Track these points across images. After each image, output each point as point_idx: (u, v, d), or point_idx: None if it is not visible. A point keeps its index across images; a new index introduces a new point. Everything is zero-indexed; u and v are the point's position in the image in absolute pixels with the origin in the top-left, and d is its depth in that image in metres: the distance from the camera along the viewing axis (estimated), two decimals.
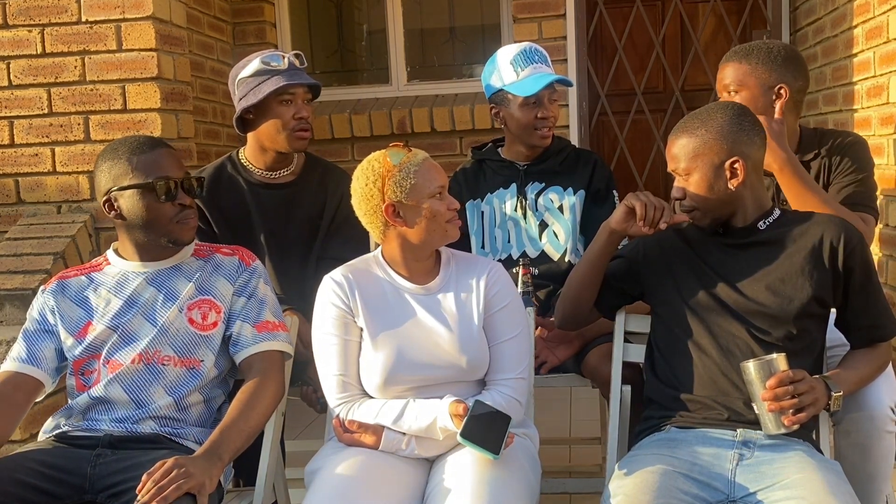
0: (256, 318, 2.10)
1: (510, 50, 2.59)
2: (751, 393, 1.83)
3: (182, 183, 2.05)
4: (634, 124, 4.88)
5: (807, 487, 1.72)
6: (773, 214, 2.02)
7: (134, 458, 1.90)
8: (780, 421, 1.80)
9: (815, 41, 4.31)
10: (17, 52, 3.55)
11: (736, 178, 1.94)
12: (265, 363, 2.06)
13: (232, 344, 2.10)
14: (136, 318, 2.05)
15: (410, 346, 1.97)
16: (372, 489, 1.82)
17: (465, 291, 2.04)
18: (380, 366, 1.96)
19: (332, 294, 2.02)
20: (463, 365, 1.97)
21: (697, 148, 1.95)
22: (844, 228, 1.96)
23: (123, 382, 2.00)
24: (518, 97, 2.54)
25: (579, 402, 3.92)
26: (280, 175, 2.62)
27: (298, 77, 2.50)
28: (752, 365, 1.81)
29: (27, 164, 3.58)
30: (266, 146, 2.57)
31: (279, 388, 2.06)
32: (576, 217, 2.62)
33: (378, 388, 1.97)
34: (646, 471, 1.82)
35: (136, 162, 2.02)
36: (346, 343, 2.00)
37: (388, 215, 1.96)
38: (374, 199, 1.95)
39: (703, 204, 1.97)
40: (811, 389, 1.81)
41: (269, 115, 2.50)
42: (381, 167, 1.95)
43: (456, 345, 1.97)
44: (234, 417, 1.93)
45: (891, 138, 3.36)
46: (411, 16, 5.14)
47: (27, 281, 3.19)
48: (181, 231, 2.07)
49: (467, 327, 2.00)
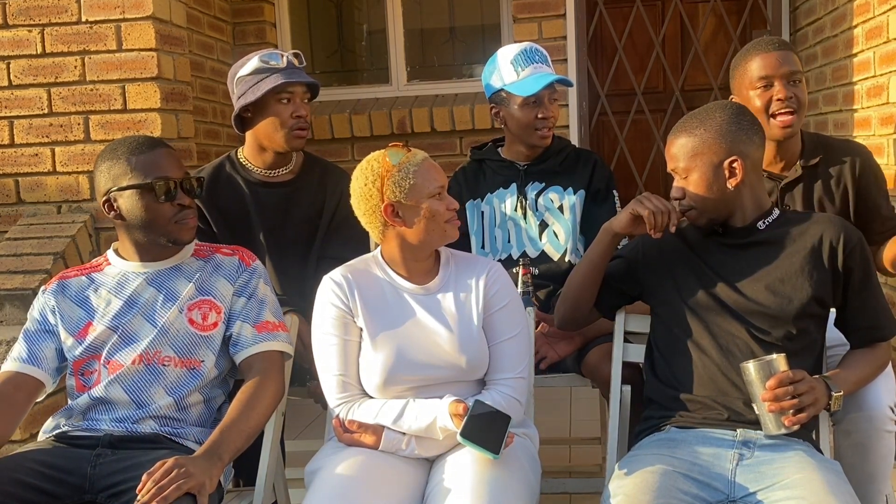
0: (256, 318, 2.10)
1: (511, 50, 2.59)
2: (751, 393, 1.83)
3: (181, 183, 2.06)
4: (634, 124, 4.88)
5: (807, 487, 1.72)
6: (773, 214, 2.02)
7: (134, 457, 1.90)
8: (780, 421, 1.80)
9: (815, 41, 4.31)
10: (17, 52, 3.54)
11: (735, 177, 1.94)
12: (265, 363, 2.06)
13: (232, 344, 2.10)
14: (137, 318, 2.05)
15: (410, 346, 1.97)
16: (372, 489, 1.82)
17: (465, 291, 2.04)
18: (379, 366, 1.96)
19: (332, 294, 2.01)
20: (462, 365, 1.97)
21: (696, 147, 1.95)
22: (844, 228, 1.97)
23: (124, 383, 2.00)
24: (518, 97, 2.54)
25: (579, 402, 3.92)
26: (279, 174, 2.62)
27: (297, 76, 2.50)
28: (753, 365, 1.82)
29: (27, 164, 3.58)
30: (264, 145, 2.57)
31: (279, 388, 2.06)
32: (576, 217, 2.62)
33: (378, 388, 1.97)
34: (646, 471, 1.82)
35: (136, 162, 2.02)
36: (346, 343, 2.00)
37: (387, 215, 1.95)
38: (374, 198, 1.95)
39: (702, 203, 1.97)
40: (811, 390, 1.81)
41: (267, 113, 2.50)
42: (381, 167, 1.95)
43: (455, 345, 1.97)
44: (234, 418, 1.93)
45: (891, 138, 3.36)
46: (411, 16, 5.13)
47: (27, 281, 3.19)
48: (180, 231, 2.07)
49: (467, 327, 2.00)
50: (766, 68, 2.26)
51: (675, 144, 1.99)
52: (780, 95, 2.24)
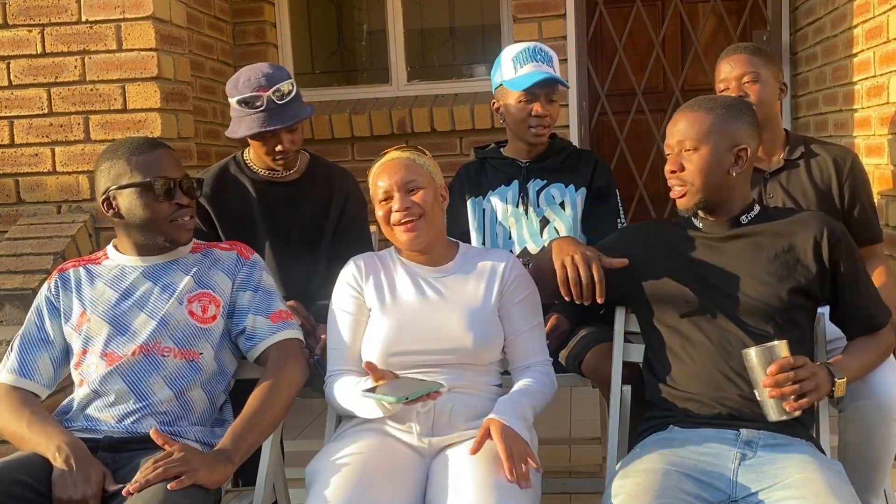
0: (268, 309, 2.13)
1: (515, 47, 2.63)
2: (752, 379, 1.84)
3: (181, 183, 2.07)
4: (634, 124, 4.88)
5: (808, 488, 1.72)
6: (754, 210, 2.05)
7: (134, 459, 1.91)
8: (781, 407, 1.80)
9: (815, 41, 4.31)
10: (17, 52, 3.55)
11: (739, 164, 1.97)
12: (284, 351, 2.09)
13: (247, 338, 2.11)
14: (133, 310, 2.06)
15: (413, 322, 2.01)
16: (373, 489, 1.82)
17: (480, 273, 2.10)
18: (380, 338, 2.01)
19: (349, 275, 2.13)
20: (468, 345, 1.99)
21: (714, 125, 1.96)
22: (826, 222, 1.99)
23: (123, 374, 2.01)
24: (513, 92, 2.58)
25: (579, 402, 3.92)
26: (284, 174, 2.64)
27: (278, 118, 2.44)
28: (754, 352, 1.82)
29: (27, 164, 3.58)
30: (261, 158, 2.60)
31: (301, 374, 2.09)
32: (577, 214, 2.63)
33: (377, 362, 1.98)
34: (648, 470, 1.82)
35: (135, 162, 2.04)
36: (354, 320, 2.08)
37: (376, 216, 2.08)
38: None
39: (701, 182, 1.98)
40: (813, 375, 1.81)
41: (252, 140, 2.54)
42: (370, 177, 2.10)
43: (463, 323, 2.00)
44: (248, 415, 1.96)
45: (890, 138, 3.36)
46: (411, 16, 5.13)
47: (27, 281, 3.19)
48: (177, 231, 2.08)
49: (478, 306, 2.04)
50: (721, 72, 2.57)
51: (687, 119, 1.99)
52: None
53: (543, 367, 2.10)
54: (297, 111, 2.48)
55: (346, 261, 2.18)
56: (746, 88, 2.51)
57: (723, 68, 2.57)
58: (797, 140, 2.59)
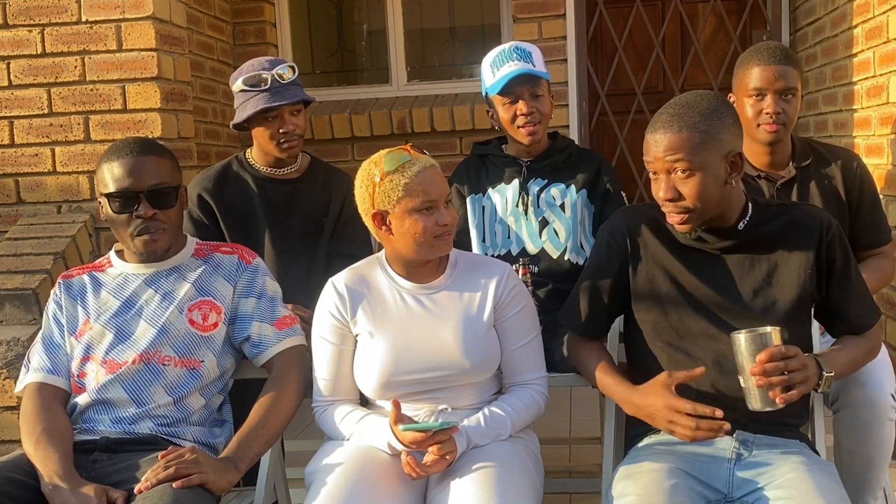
0: (273, 315, 2.13)
1: (492, 53, 2.61)
2: (738, 364, 1.74)
3: (150, 192, 2.00)
4: (634, 124, 4.87)
5: (797, 488, 1.71)
6: (748, 212, 1.92)
7: (130, 460, 1.91)
8: (766, 397, 1.71)
9: (815, 41, 4.31)
10: (17, 52, 3.54)
11: (735, 171, 1.84)
12: (289, 359, 2.09)
13: (253, 345, 2.10)
14: (134, 318, 2.05)
15: (408, 348, 1.96)
16: (373, 489, 1.81)
17: (473, 290, 2.01)
18: (376, 369, 1.95)
19: (331, 303, 2.02)
20: (467, 367, 1.96)
21: (704, 142, 1.79)
22: (820, 218, 1.92)
23: (124, 382, 2.00)
24: (497, 97, 2.56)
25: (579, 402, 3.92)
26: (285, 172, 2.70)
27: (281, 96, 2.53)
28: (743, 337, 1.72)
29: (27, 164, 3.58)
30: (264, 150, 2.67)
31: (305, 382, 2.08)
32: (577, 215, 2.61)
33: (374, 392, 1.97)
34: (654, 469, 1.81)
35: (104, 169, 2.03)
36: (339, 351, 2.01)
37: (375, 222, 1.95)
38: (366, 202, 1.95)
39: (705, 202, 1.82)
40: (803, 367, 1.73)
41: (256, 126, 2.60)
42: (375, 172, 1.92)
43: (459, 344, 1.96)
44: (253, 424, 1.96)
45: (890, 138, 3.36)
46: (411, 16, 5.13)
47: (27, 281, 3.19)
48: (140, 243, 2.05)
49: (472, 326, 1.98)
50: (761, 80, 2.36)
51: (669, 140, 1.81)
52: (770, 109, 2.35)
53: (538, 384, 2.03)
54: (300, 92, 2.58)
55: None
56: (784, 103, 2.35)
57: (763, 74, 2.34)
58: (803, 147, 2.49)
